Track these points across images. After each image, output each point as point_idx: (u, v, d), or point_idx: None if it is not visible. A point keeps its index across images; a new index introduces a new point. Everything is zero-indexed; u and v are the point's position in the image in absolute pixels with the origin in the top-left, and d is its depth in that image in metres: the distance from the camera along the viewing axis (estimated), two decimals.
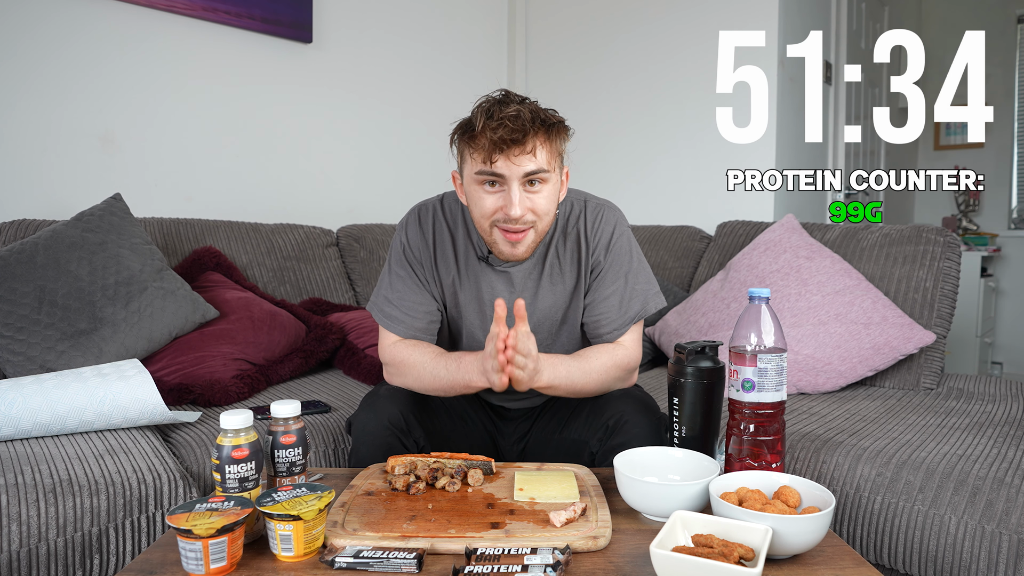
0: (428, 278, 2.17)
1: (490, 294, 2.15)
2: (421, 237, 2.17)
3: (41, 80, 3.18)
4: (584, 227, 2.16)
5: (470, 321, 2.20)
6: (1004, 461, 2.07)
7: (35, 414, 2.14)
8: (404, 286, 2.16)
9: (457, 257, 2.17)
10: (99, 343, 2.60)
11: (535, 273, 2.15)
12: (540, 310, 2.17)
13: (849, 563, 1.42)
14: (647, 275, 2.20)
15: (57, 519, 1.80)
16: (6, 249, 2.63)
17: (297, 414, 1.70)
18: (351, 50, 4.32)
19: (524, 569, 1.32)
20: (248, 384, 2.79)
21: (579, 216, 2.18)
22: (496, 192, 1.93)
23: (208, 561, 1.34)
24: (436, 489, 1.75)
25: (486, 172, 1.89)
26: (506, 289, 2.15)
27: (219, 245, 3.37)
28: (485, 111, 1.87)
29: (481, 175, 1.91)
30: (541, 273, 2.15)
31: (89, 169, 3.33)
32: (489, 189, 1.93)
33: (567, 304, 2.18)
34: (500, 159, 1.87)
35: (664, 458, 1.78)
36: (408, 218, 2.22)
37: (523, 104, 1.89)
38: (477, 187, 1.94)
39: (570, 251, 2.16)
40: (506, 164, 1.87)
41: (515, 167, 1.87)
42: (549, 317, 2.18)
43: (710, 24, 4.29)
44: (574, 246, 2.16)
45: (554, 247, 2.16)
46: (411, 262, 2.17)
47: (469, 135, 1.91)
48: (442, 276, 2.18)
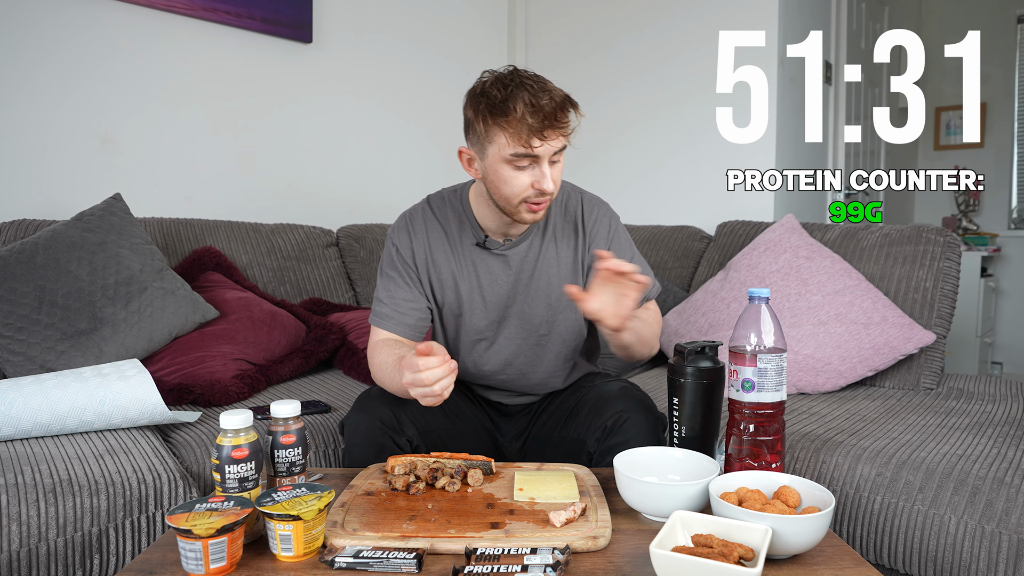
0: (420, 279, 2.21)
1: (488, 277, 2.22)
2: (411, 240, 2.22)
3: (41, 80, 3.18)
4: (582, 217, 2.25)
5: (470, 308, 2.24)
6: (1004, 461, 2.07)
7: (35, 414, 2.14)
8: (394, 285, 2.21)
9: (453, 248, 2.21)
10: (99, 343, 2.60)
11: (531, 255, 2.21)
12: (534, 292, 2.22)
13: (849, 563, 1.42)
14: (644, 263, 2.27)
15: (57, 519, 1.80)
16: (6, 249, 2.63)
17: (297, 414, 1.70)
18: (351, 50, 4.32)
19: (524, 569, 1.32)
20: (248, 384, 2.79)
21: (577, 205, 2.26)
22: (527, 169, 1.96)
23: (208, 561, 1.34)
24: (436, 489, 1.75)
25: (522, 154, 1.92)
26: (503, 272, 2.21)
27: (219, 245, 3.37)
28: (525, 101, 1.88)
29: (516, 155, 1.93)
30: (538, 256, 2.21)
31: (89, 169, 3.33)
32: (521, 166, 1.95)
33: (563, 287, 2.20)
34: (539, 141, 1.90)
35: (664, 458, 1.78)
36: (397, 224, 2.27)
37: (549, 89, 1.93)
38: (506, 165, 1.96)
39: (567, 237, 2.23)
40: (546, 142, 1.91)
41: (550, 148, 1.92)
42: (544, 299, 2.23)
43: (710, 24, 4.29)
44: (571, 232, 2.24)
45: (551, 230, 2.22)
46: (400, 265, 2.21)
47: (502, 116, 1.91)
48: (441, 270, 2.21)
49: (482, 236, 2.19)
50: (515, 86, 1.91)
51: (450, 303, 2.25)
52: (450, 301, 2.24)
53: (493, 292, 2.22)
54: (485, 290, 2.22)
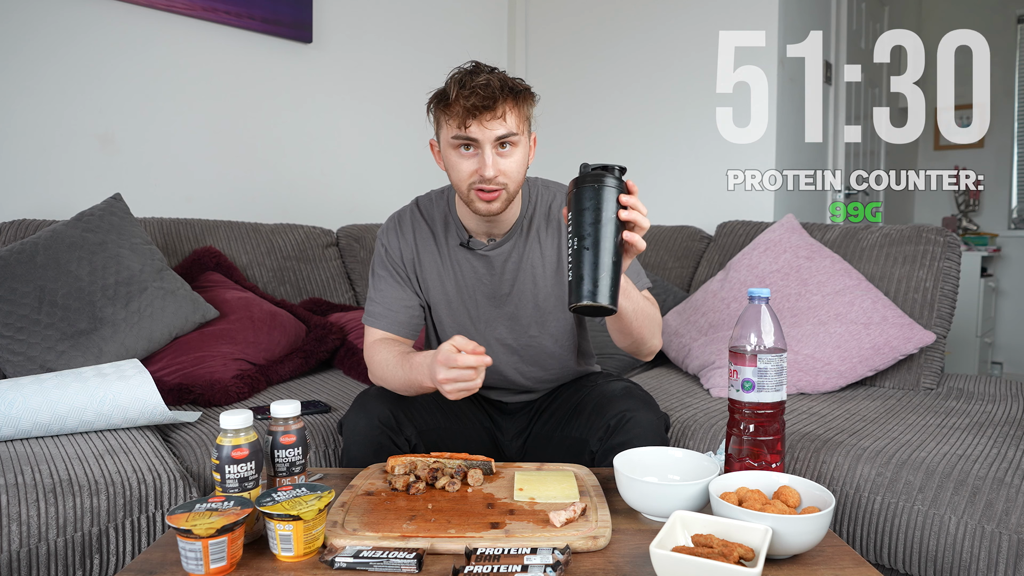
0: (409, 277, 2.26)
1: (472, 277, 2.24)
2: (399, 241, 2.27)
3: (41, 80, 3.18)
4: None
5: (459, 308, 2.26)
6: (1004, 461, 2.07)
7: (35, 414, 2.14)
8: (385, 284, 2.26)
9: (439, 249, 2.25)
10: (99, 343, 2.60)
11: (514, 256, 2.22)
12: (519, 292, 2.23)
13: (849, 563, 1.42)
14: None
15: (57, 519, 1.80)
16: (6, 249, 2.63)
17: (297, 414, 1.70)
18: (351, 50, 4.32)
19: (524, 569, 1.32)
20: (248, 384, 2.79)
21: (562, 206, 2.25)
22: (471, 156, 2.01)
23: (208, 561, 1.34)
24: (436, 489, 1.75)
25: (461, 137, 1.98)
26: (487, 272, 2.23)
27: (219, 245, 3.38)
28: (458, 81, 1.96)
29: (456, 139, 1.99)
30: (521, 257, 2.22)
31: (89, 169, 3.33)
32: (464, 153, 2.01)
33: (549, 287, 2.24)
34: (473, 124, 1.95)
35: (664, 458, 1.78)
36: (387, 226, 2.32)
37: (492, 73, 1.99)
38: (453, 152, 2.02)
39: (551, 236, 2.24)
40: (479, 129, 1.95)
41: (487, 131, 1.96)
42: (531, 299, 2.24)
43: (710, 24, 4.29)
44: (555, 232, 2.24)
45: (535, 231, 2.23)
46: (391, 264, 2.27)
47: (444, 103, 1.99)
48: (427, 271, 2.25)
49: (466, 236, 2.22)
50: (461, 74, 1.99)
51: (438, 303, 2.28)
52: (438, 301, 2.27)
53: (480, 292, 2.25)
54: (471, 291, 2.25)
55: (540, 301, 2.24)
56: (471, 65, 2.02)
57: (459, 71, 2.00)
